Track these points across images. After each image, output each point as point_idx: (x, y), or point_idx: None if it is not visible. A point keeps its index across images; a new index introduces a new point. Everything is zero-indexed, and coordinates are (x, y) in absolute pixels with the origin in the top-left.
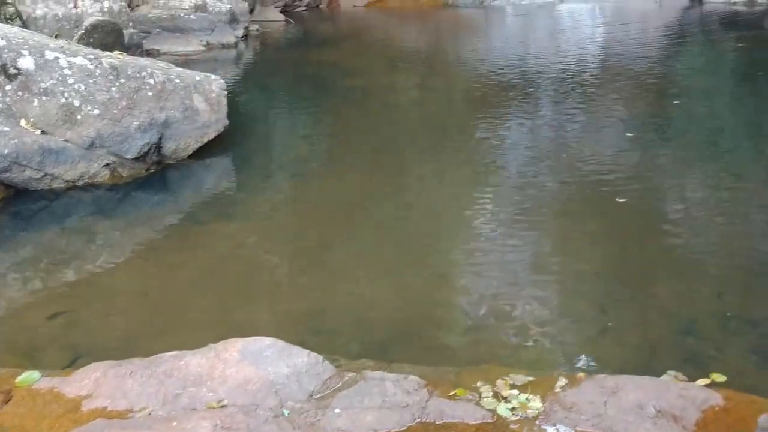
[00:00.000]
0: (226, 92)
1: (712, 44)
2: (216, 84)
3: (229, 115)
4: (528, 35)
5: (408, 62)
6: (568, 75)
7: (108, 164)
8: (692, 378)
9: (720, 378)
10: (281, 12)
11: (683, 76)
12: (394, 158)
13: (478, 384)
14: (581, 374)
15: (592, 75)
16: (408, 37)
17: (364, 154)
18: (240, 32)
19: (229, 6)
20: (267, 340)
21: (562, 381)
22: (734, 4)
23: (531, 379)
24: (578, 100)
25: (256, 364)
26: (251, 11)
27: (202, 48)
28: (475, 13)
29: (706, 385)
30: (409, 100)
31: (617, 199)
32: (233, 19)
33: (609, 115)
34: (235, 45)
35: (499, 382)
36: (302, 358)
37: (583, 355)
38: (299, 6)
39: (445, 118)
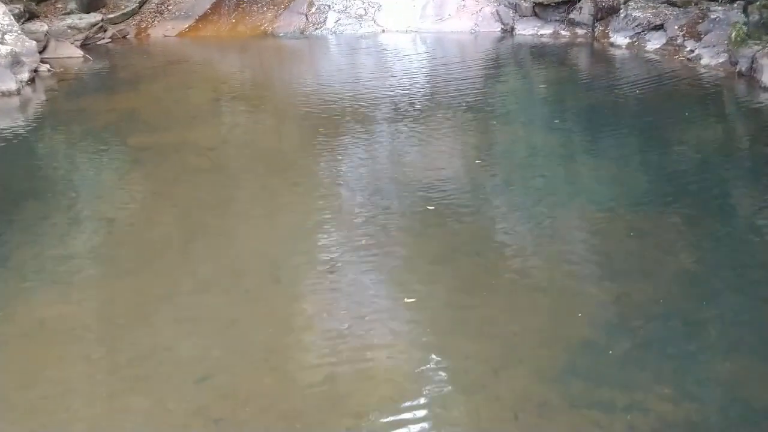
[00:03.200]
0: None
1: (525, 80)
2: None
3: None
4: (357, 68)
5: (226, 103)
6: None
7: None
8: None
9: None
10: (81, 46)
11: (500, 122)
12: (178, 254)
13: None
14: None
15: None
16: (227, 71)
17: (150, 246)
18: (25, 76)
19: (10, 48)
20: None
21: None
22: (541, 36)
23: None
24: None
25: None
26: (43, 49)
27: None
28: (297, 43)
29: None
30: (221, 162)
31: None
32: (16, 62)
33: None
34: (18, 92)
35: None
36: None
37: None
38: (102, 38)
39: (252, 191)
